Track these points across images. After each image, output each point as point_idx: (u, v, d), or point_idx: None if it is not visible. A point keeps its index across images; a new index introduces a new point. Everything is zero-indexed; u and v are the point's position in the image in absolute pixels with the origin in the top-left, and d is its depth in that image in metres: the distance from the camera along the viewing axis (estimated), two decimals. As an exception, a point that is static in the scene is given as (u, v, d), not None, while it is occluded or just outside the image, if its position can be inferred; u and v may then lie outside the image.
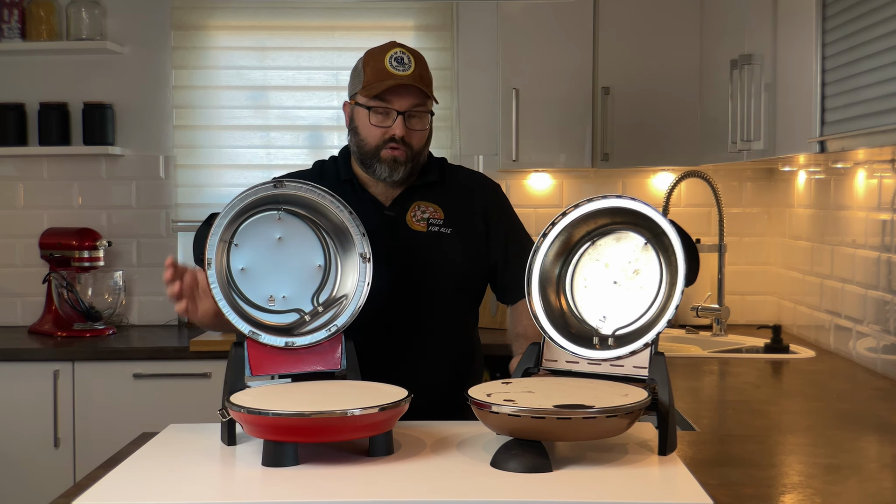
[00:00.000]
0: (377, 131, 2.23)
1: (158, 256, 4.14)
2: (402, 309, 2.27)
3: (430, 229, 2.29)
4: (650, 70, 3.74)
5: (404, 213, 2.30)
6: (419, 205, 2.31)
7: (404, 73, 2.20)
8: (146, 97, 4.12)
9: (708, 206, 3.93)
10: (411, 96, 2.21)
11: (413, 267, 2.27)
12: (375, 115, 2.22)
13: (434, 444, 1.87)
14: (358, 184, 2.31)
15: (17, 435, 3.56)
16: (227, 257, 1.96)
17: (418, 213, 2.30)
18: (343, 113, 2.36)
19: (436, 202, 2.32)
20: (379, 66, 2.21)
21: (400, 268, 2.24)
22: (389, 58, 2.21)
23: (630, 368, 1.86)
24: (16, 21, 3.97)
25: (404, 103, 2.21)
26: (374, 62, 2.22)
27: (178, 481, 1.70)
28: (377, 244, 2.16)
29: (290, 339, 1.95)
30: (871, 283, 2.93)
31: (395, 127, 2.21)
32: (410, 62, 2.21)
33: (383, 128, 2.22)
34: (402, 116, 2.21)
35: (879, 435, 2.21)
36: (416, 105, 2.22)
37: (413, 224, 2.29)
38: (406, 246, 2.27)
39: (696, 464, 1.80)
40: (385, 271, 2.15)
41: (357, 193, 2.29)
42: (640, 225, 1.93)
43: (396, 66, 2.20)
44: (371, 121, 2.23)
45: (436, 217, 2.30)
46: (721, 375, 3.01)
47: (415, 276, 2.27)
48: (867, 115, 2.32)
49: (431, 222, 2.30)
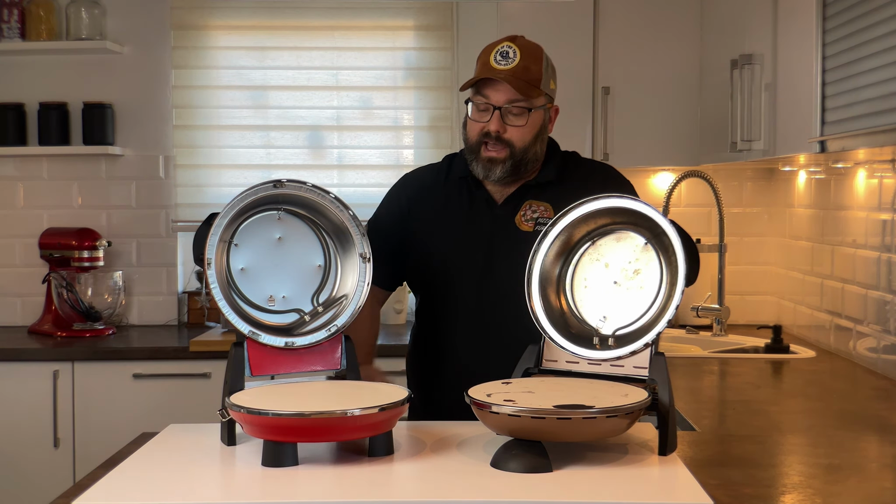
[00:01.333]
0: (476, 126, 2.21)
1: (158, 256, 4.14)
2: (503, 310, 2.22)
3: (537, 229, 2.20)
4: (650, 70, 3.74)
5: (515, 211, 2.27)
6: (531, 203, 2.27)
7: (505, 68, 2.16)
8: (146, 97, 4.12)
9: (708, 206, 3.93)
10: (507, 91, 2.17)
11: (516, 268, 2.19)
12: (476, 109, 2.21)
13: (434, 444, 1.87)
14: (473, 180, 2.29)
15: (17, 435, 3.56)
16: (226, 257, 1.96)
17: (528, 212, 2.26)
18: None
19: (549, 201, 2.27)
20: (485, 60, 2.20)
21: (504, 268, 2.22)
22: (496, 52, 2.19)
23: (630, 368, 1.86)
24: (15, 21, 3.97)
25: (500, 97, 2.18)
26: (483, 55, 2.21)
27: (178, 481, 1.70)
28: (484, 242, 2.23)
29: (289, 339, 1.95)
30: (871, 283, 2.93)
31: (490, 122, 2.19)
32: (515, 56, 2.17)
33: (481, 123, 2.20)
34: (499, 111, 2.18)
35: (879, 435, 2.21)
36: (513, 100, 2.18)
37: (521, 224, 2.26)
38: (512, 246, 2.24)
39: (696, 464, 1.80)
40: (490, 270, 2.21)
41: (471, 191, 2.29)
42: (640, 225, 1.93)
43: (500, 59, 2.18)
44: (471, 114, 2.22)
45: (545, 216, 2.24)
46: (721, 375, 3.01)
47: (517, 277, 2.19)
48: (867, 115, 2.31)
49: (539, 221, 2.22)
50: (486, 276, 2.26)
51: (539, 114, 2.23)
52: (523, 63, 2.18)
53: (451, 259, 2.28)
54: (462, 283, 2.28)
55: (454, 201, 2.31)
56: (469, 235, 2.28)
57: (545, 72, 2.23)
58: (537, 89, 2.20)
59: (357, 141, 4.20)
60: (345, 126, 4.20)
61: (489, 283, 2.25)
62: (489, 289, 2.25)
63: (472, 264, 2.27)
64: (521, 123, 2.20)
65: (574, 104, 3.77)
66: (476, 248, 2.27)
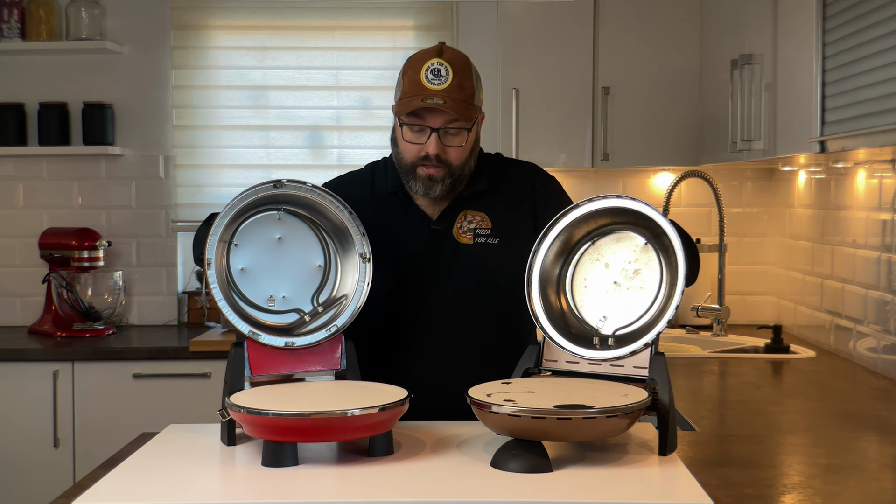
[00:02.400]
0: (412, 147, 2.12)
1: (158, 256, 4.14)
2: (457, 325, 2.19)
3: (476, 241, 2.19)
4: (650, 70, 3.74)
5: (451, 225, 2.20)
6: (466, 214, 2.20)
7: (440, 87, 2.06)
8: (146, 97, 4.12)
9: (708, 206, 3.93)
10: (445, 113, 2.08)
11: (462, 281, 2.19)
12: (410, 130, 2.11)
13: (434, 444, 1.87)
14: (405, 196, 2.21)
15: (17, 435, 3.56)
16: (226, 257, 1.96)
17: (465, 223, 2.19)
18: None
19: (483, 210, 2.20)
20: (415, 78, 2.08)
21: (450, 283, 2.18)
22: (426, 69, 2.07)
23: (630, 368, 1.86)
24: (15, 21, 3.97)
25: (438, 120, 2.08)
26: (412, 72, 2.10)
27: (177, 481, 1.70)
28: (426, 260, 2.17)
29: (289, 339, 1.95)
30: (871, 283, 2.93)
31: (428, 145, 2.09)
32: (448, 73, 2.07)
33: (418, 144, 2.11)
34: (437, 133, 2.09)
35: (879, 435, 2.21)
36: (451, 121, 2.09)
37: (460, 236, 2.19)
38: (453, 260, 2.19)
39: (696, 464, 1.80)
40: (436, 287, 2.16)
41: (404, 207, 2.21)
42: (640, 225, 1.93)
43: (432, 79, 2.07)
44: (405, 136, 2.12)
45: (483, 227, 2.19)
46: (721, 375, 3.01)
47: (465, 290, 2.19)
48: (867, 115, 2.31)
49: (478, 232, 2.19)
50: (432, 292, 2.19)
51: (474, 130, 2.15)
52: (457, 80, 2.08)
53: (396, 278, 2.18)
54: (410, 301, 2.19)
55: (388, 218, 2.21)
56: (410, 254, 2.20)
57: (476, 85, 2.14)
58: (473, 106, 2.11)
59: (357, 141, 4.20)
60: (345, 126, 4.20)
61: (436, 300, 2.18)
62: (437, 305, 2.18)
63: (416, 282, 2.19)
64: (460, 143, 2.11)
65: (574, 104, 3.77)
66: (419, 265, 2.19)
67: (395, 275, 2.16)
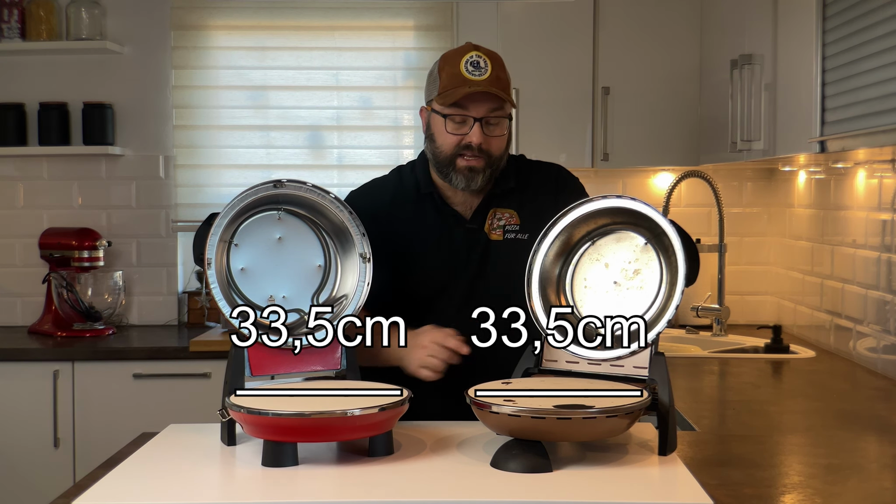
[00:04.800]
0: (454, 139, 2.15)
1: (158, 256, 4.14)
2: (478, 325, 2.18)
3: (506, 237, 2.24)
4: (650, 70, 3.74)
5: (483, 223, 2.24)
6: (496, 212, 2.24)
7: (480, 78, 2.12)
8: (146, 97, 4.12)
9: (708, 206, 3.93)
10: (488, 102, 2.13)
11: (493, 277, 2.22)
12: (452, 122, 2.14)
13: (434, 444, 1.87)
14: (439, 197, 2.25)
15: (17, 435, 3.56)
16: (226, 257, 1.96)
17: (495, 220, 2.24)
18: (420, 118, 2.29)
19: (512, 207, 2.25)
20: (455, 72, 2.13)
21: (484, 279, 2.22)
22: (465, 62, 2.13)
23: (630, 368, 1.86)
24: (16, 21, 3.97)
25: (481, 109, 2.13)
26: (449, 67, 2.15)
27: (178, 481, 1.70)
28: (463, 258, 2.20)
29: (289, 339, 1.95)
30: (871, 283, 2.93)
31: (472, 134, 2.13)
32: (487, 65, 2.13)
33: (459, 135, 2.15)
34: (480, 123, 2.13)
35: (879, 435, 2.21)
36: (493, 110, 2.14)
37: (491, 234, 2.24)
38: (487, 257, 2.23)
39: (696, 464, 1.80)
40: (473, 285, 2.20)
41: (438, 209, 2.24)
42: (640, 225, 1.93)
43: (472, 70, 2.12)
44: (447, 128, 2.15)
45: (512, 223, 2.24)
46: (721, 375, 3.01)
47: (496, 286, 2.22)
48: (867, 115, 2.31)
49: (507, 229, 2.24)
50: (470, 290, 2.22)
51: (510, 121, 2.22)
52: (495, 72, 2.14)
53: (434, 279, 2.23)
54: (448, 300, 2.23)
55: (424, 220, 2.25)
56: (448, 254, 2.23)
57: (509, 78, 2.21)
58: (510, 96, 2.17)
59: (357, 141, 4.20)
60: (345, 126, 4.20)
61: (474, 298, 2.21)
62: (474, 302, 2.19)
63: (454, 281, 2.23)
64: (501, 133, 2.17)
65: (574, 104, 3.77)
66: (457, 265, 2.23)
67: (437, 276, 2.22)
